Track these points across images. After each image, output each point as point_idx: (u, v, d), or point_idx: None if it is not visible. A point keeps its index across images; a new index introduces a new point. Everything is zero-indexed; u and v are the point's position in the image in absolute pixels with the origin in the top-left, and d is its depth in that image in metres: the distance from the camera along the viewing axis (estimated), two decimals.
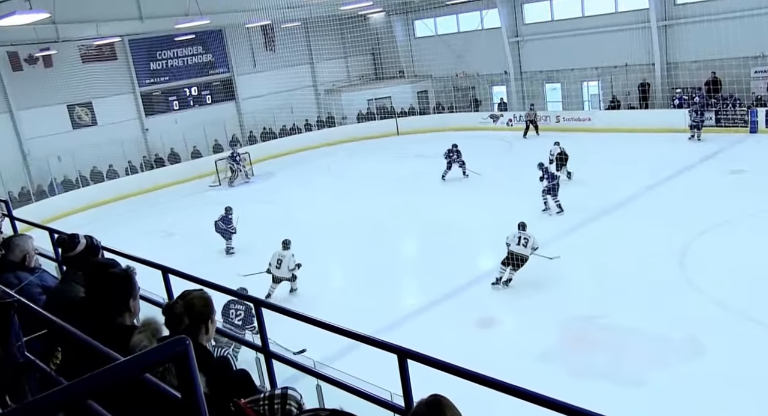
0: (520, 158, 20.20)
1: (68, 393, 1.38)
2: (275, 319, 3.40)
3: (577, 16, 23.91)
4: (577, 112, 23.84)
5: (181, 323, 2.59)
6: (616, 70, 22.92)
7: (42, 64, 22.18)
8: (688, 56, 21.10)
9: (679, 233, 11.57)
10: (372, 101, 28.87)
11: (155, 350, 1.63)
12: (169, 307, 2.65)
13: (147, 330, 2.58)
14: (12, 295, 2.40)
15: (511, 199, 15.25)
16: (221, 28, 26.18)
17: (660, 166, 16.47)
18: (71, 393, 1.38)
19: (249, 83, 27.50)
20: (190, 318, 2.63)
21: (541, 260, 10.67)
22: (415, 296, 10.98)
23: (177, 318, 2.59)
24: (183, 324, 2.59)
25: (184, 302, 2.64)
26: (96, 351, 1.97)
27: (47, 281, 3.74)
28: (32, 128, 21.95)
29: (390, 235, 13.89)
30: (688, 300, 9.22)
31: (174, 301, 2.70)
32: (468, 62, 27.52)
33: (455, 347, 7.85)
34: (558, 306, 9.53)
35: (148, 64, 25.17)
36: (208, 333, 2.74)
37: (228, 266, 12.76)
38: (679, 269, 10.31)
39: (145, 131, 25.12)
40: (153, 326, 2.62)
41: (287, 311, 3.24)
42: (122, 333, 2.57)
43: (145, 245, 14.05)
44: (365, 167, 21.67)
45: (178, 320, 2.59)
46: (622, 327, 8.71)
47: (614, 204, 13.92)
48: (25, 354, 2.31)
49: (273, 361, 3.52)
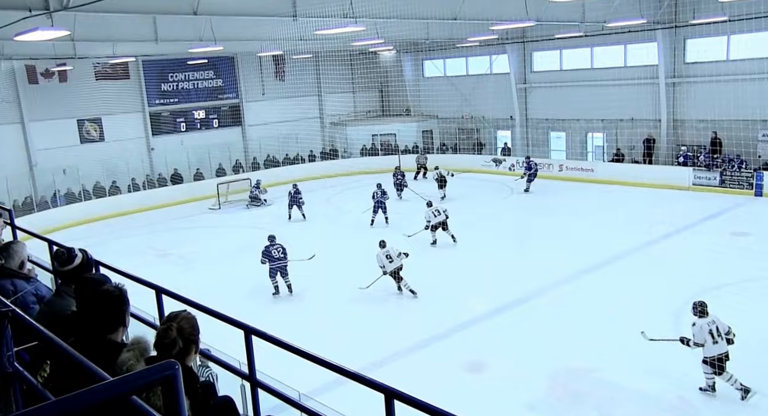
0: (519, 204, 20.31)
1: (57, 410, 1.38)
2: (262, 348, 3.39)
3: (585, 67, 24.35)
4: (580, 162, 24.06)
5: (175, 346, 2.60)
6: (622, 123, 23.20)
7: (57, 79, 22.59)
8: (695, 114, 21.36)
9: (677, 292, 11.38)
10: (377, 137, 29.16)
11: (145, 372, 1.65)
12: (164, 331, 2.66)
13: (135, 349, 2.58)
14: (6, 304, 2.40)
15: (501, 243, 15.28)
16: (233, 54, 26.69)
17: (660, 222, 16.49)
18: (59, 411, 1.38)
19: (256, 110, 27.87)
20: (183, 341, 2.65)
21: (536, 305, 10.58)
22: (403, 335, 10.88)
23: (172, 341, 2.60)
24: (177, 346, 2.60)
25: (181, 327, 2.66)
26: (85, 367, 1.97)
27: (42, 292, 3.74)
28: (41, 140, 22.24)
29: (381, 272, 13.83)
30: (682, 361, 9.05)
31: (168, 325, 2.71)
32: (474, 105, 27.92)
33: (442, 389, 7.76)
34: (549, 355, 9.44)
35: (159, 85, 25.56)
36: (195, 354, 2.76)
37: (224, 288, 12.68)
38: (675, 328, 10.19)
39: (151, 150, 25.34)
40: (141, 345, 2.63)
41: (278, 341, 3.23)
42: (112, 349, 2.57)
43: (138, 262, 14.03)
44: (365, 201, 21.73)
45: (173, 343, 2.60)
46: (613, 382, 8.61)
47: (611, 257, 13.88)
48: (14, 364, 2.31)
49: (258, 390, 3.50)
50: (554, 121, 25.58)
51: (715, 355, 7.67)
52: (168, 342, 2.63)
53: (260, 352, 3.49)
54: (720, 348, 7.66)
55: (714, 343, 7.64)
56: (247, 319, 3.48)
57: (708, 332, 7.66)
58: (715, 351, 7.67)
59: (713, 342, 7.63)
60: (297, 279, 12.36)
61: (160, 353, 2.66)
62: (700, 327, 7.70)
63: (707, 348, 7.70)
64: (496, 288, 12.37)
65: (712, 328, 7.66)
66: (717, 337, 7.65)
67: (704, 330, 7.66)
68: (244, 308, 10.43)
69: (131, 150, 24.25)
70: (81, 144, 23.51)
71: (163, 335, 2.65)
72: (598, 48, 23.63)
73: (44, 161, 22.17)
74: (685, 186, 20.00)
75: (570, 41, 23.18)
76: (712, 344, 7.65)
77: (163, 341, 2.65)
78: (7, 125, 21.66)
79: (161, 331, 2.69)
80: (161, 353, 2.65)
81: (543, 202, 19.82)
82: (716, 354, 7.67)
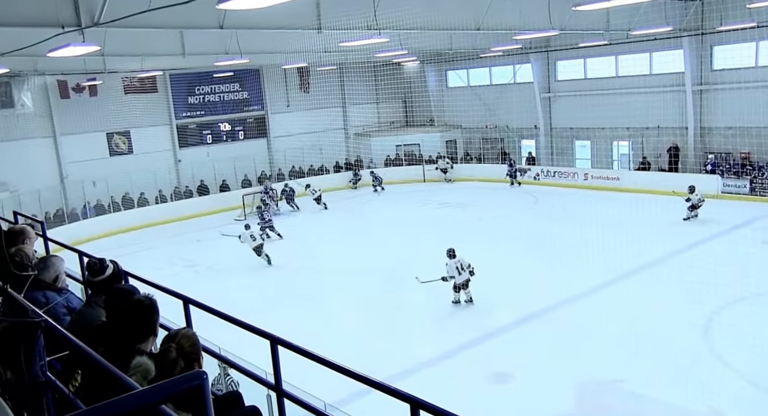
0: (544, 213, 20.12)
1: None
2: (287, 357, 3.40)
3: (610, 75, 24.11)
4: (605, 170, 23.77)
5: (176, 366, 2.56)
6: (648, 131, 22.91)
7: (87, 93, 23.16)
8: (723, 122, 21.00)
9: (706, 302, 11.20)
10: (400, 147, 29.23)
11: (173, 382, 1.67)
12: (163, 352, 2.62)
13: (138, 372, 2.54)
14: (40, 315, 2.46)
15: (525, 253, 15.13)
16: (259, 67, 27.05)
17: (688, 232, 16.19)
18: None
19: (281, 122, 28.16)
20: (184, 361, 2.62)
21: (561, 314, 10.45)
22: (429, 345, 10.83)
23: (172, 362, 2.57)
24: (178, 366, 2.56)
25: (181, 347, 2.62)
26: (115, 376, 2.00)
27: (73, 303, 3.81)
28: (72, 153, 22.82)
29: (407, 281, 13.80)
30: (712, 373, 8.85)
31: (167, 346, 2.67)
32: (498, 115, 27.82)
33: (468, 400, 7.70)
34: (576, 366, 9.30)
35: (186, 98, 26.01)
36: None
37: (245, 300, 12.78)
38: (704, 339, 9.98)
39: (178, 162, 25.75)
40: (143, 367, 2.58)
41: (303, 351, 3.24)
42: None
43: (167, 273, 14.22)
44: (389, 212, 21.80)
45: (173, 363, 2.57)
46: (641, 394, 8.44)
47: (638, 266, 13.66)
48: (47, 373, 2.35)
49: (284, 400, 3.50)
50: (579, 130, 25.35)
51: (461, 282, 11.77)
52: (168, 363, 2.59)
53: (286, 362, 3.51)
54: (463, 277, 11.73)
55: (459, 274, 11.68)
56: (272, 328, 3.49)
57: (455, 268, 11.66)
58: (460, 279, 11.76)
59: (458, 274, 11.69)
60: (322, 287, 12.36)
61: (161, 374, 2.58)
62: (452, 265, 11.65)
63: (457, 278, 11.74)
64: (521, 298, 12.25)
65: (458, 265, 11.61)
66: (462, 271, 11.66)
67: (452, 267, 11.68)
68: (269, 318, 10.48)
69: (159, 162, 24.69)
70: (110, 157, 24.03)
71: (162, 357, 2.61)
72: (623, 56, 23.37)
73: (75, 174, 22.71)
74: (714, 194, 19.62)
75: (594, 50, 23.00)
76: (458, 275, 11.70)
77: (163, 362, 2.60)
78: (40, 139, 22.26)
79: (161, 353, 2.64)
80: (163, 374, 2.57)
81: (568, 211, 19.61)
82: (461, 282, 11.77)
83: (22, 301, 2.61)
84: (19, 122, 21.56)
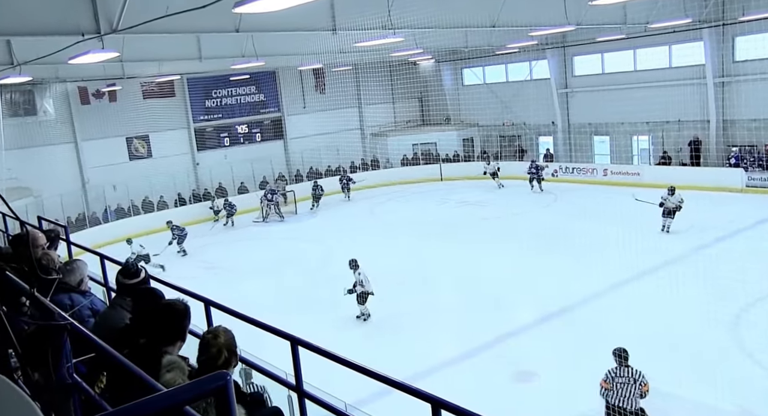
0: (563, 210, 19.96)
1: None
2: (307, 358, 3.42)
3: (628, 69, 23.84)
4: (625, 166, 23.50)
5: (221, 356, 2.65)
6: (668, 125, 22.60)
7: (107, 99, 23.52)
8: (747, 114, 20.61)
9: (733, 299, 10.99)
10: (417, 146, 29.18)
11: (197, 383, 1.68)
12: (211, 340, 2.71)
13: (176, 367, 2.62)
14: (66, 317, 2.50)
15: (546, 250, 15.01)
16: (275, 69, 27.20)
17: (713, 226, 15.93)
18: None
19: (298, 123, 28.29)
20: (227, 352, 2.70)
21: (583, 312, 10.32)
22: (450, 344, 10.80)
23: (218, 351, 2.66)
24: (222, 357, 2.65)
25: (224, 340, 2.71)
26: (140, 378, 2.03)
27: (97, 305, 3.87)
28: (93, 158, 23.18)
29: (428, 281, 13.80)
30: (741, 370, 8.68)
31: (214, 333, 2.77)
32: (515, 112, 27.64)
33: (490, 400, 7.66)
34: (599, 364, 9.17)
35: (203, 101, 26.26)
36: (235, 367, 2.81)
37: (269, 300, 12.86)
38: (732, 336, 9.80)
39: (196, 165, 26.00)
40: (178, 363, 2.67)
41: (324, 351, 3.25)
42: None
43: (187, 275, 14.36)
44: (407, 212, 21.77)
45: (219, 353, 2.66)
46: (667, 392, 8.31)
47: (661, 262, 13.48)
48: (74, 375, 2.39)
49: (306, 401, 3.52)
50: (597, 125, 25.10)
51: (367, 292, 11.87)
52: (215, 352, 2.68)
53: (306, 363, 3.52)
54: (369, 287, 11.87)
55: (362, 286, 11.85)
56: (292, 329, 3.51)
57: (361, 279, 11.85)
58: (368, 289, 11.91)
59: (362, 284, 11.83)
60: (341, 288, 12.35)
61: (205, 361, 2.69)
62: (365, 277, 11.88)
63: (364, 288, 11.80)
64: (542, 296, 12.17)
65: (362, 278, 11.81)
66: (365, 283, 11.81)
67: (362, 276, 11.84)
68: (289, 319, 10.53)
69: (177, 165, 24.96)
70: (130, 161, 24.36)
71: (208, 345, 2.69)
72: (641, 50, 23.10)
73: (95, 178, 23.06)
74: (738, 188, 19.29)
75: (612, 44, 22.75)
76: (361, 287, 11.83)
77: (209, 350, 2.69)
78: (62, 145, 22.66)
79: (207, 341, 2.73)
80: (207, 361, 2.68)
81: (588, 208, 19.41)
82: (368, 291, 11.88)
83: (48, 304, 2.65)
84: (42, 129, 21.95)
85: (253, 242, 19.73)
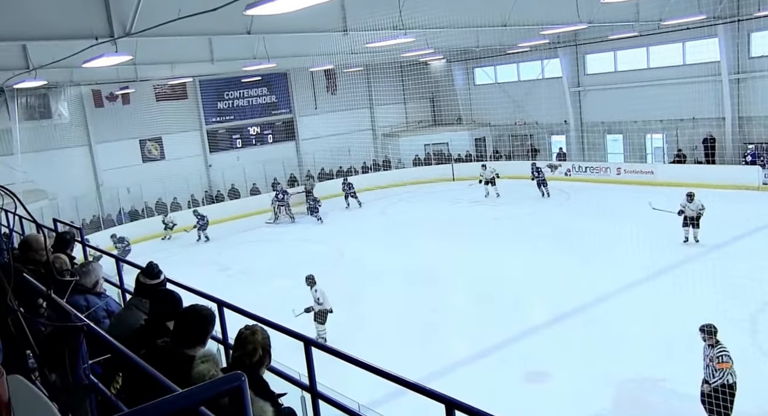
0: (576, 209, 19.84)
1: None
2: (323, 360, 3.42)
3: (641, 67, 23.64)
4: (639, 164, 23.31)
5: (256, 353, 2.71)
6: (683, 123, 22.36)
7: (120, 102, 23.74)
8: (763, 111, 20.37)
9: (749, 297, 10.84)
10: (429, 146, 29.15)
11: (212, 384, 1.69)
12: (249, 336, 2.75)
13: (211, 359, 2.67)
14: (82, 319, 2.52)
15: (558, 249, 14.93)
16: (286, 71, 27.30)
17: (728, 224, 15.72)
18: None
19: (309, 124, 28.37)
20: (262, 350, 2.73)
21: (597, 312, 10.24)
22: (463, 344, 10.77)
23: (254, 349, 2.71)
24: (257, 354, 2.71)
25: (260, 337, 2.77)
26: (155, 379, 2.04)
27: (112, 307, 3.90)
28: (107, 160, 23.41)
29: (440, 281, 13.77)
30: (761, 372, 8.55)
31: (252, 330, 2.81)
32: (527, 111, 27.52)
33: (504, 400, 7.63)
34: (613, 364, 9.14)
35: (215, 103, 26.41)
36: (266, 367, 2.84)
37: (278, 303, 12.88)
38: (751, 337, 9.66)
39: (209, 166, 26.16)
40: (212, 356, 2.72)
41: (337, 352, 3.26)
42: (185, 362, 2.65)
43: (200, 277, 14.43)
44: (420, 212, 21.74)
45: (254, 350, 2.71)
46: (684, 393, 8.22)
47: (677, 261, 13.37)
48: (90, 376, 2.41)
49: (319, 401, 3.52)
50: (610, 123, 24.92)
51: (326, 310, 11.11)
52: (251, 349, 2.71)
53: (319, 363, 3.53)
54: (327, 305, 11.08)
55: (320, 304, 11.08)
56: (306, 331, 3.52)
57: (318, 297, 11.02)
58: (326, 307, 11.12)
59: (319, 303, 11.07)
60: (355, 289, 12.40)
61: (240, 357, 2.71)
62: (322, 293, 11.08)
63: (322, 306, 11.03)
64: (555, 295, 12.11)
65: (320, 295, 11.03)
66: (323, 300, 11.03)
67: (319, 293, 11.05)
68: (302, 320, 10.56)
69: (190, 167, 25.13)
70: (143, 163, 24.57)
71: (246, 341, 2.73)
72: (655, 47, 22.90)
73: (109, 181, 23.30)
74: (755, 186, 19.04)
75: (624, 42, 22.57)
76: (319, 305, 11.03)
77: (246, 346, 2.72)
78: (76, 148, 22.90)
79: (246, 337, 2.76)
80: (242, 357, 2.71)
81: (601, 207, 19.27)
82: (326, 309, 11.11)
83: (64, 306, 2.68)
84: (57, 132, 22.19)
85: (265, 243, 19.81)
